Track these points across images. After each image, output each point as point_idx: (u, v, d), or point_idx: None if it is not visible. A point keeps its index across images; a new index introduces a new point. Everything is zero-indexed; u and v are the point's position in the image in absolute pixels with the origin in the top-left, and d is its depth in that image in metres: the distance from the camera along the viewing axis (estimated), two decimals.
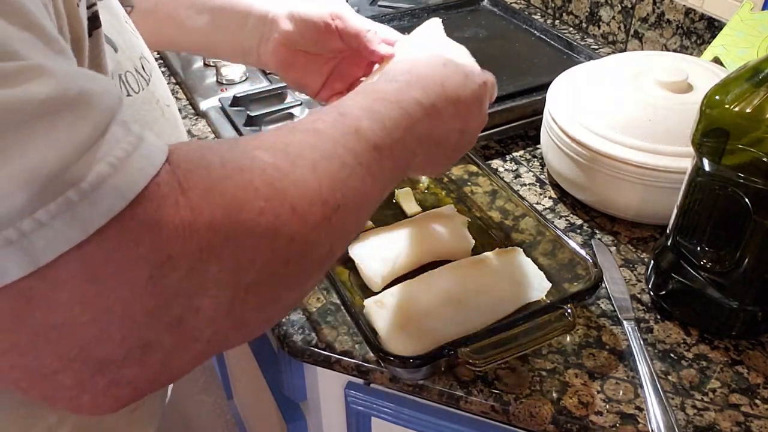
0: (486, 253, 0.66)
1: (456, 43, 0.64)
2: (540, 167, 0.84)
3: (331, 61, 0.70)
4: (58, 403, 0.33)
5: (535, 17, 1.17)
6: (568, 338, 0.62)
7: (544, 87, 0.82)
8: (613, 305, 0.65)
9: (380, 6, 1.24)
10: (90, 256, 0.30)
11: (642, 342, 0.60)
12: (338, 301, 0.65)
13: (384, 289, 0.64)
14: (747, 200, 0.54)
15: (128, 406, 0.41)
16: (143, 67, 0.53)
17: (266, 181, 0.36)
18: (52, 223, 0.28)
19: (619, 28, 1.09)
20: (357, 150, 0.42)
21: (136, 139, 0.31)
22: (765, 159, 0.51)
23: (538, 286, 0.64)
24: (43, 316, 0.30)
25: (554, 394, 0.57)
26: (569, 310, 0.57)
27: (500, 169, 0.84)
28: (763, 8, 0.86)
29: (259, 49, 0.70)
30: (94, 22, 0.44)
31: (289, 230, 0.36)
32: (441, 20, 0.68)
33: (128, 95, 0.50)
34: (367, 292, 0.65)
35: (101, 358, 0.31)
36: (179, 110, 0.95)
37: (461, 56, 0.61)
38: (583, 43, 1.10)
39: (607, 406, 0.56)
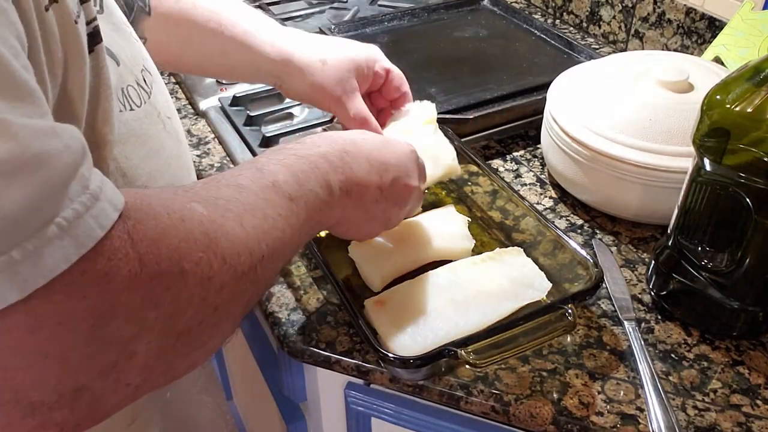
0: (486, 253, 0.66)
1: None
2: (540, 167, 0.84)
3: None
4: None
5: (536, 17, 1.16)
6: (568, 338, 0.61)
7: (544, 87, 0.82)
8: (613, 305, 0.65)
9: (380, 6, 1.24)
10: (35, 307, 0.30)
11: (643, 342, 0.60)
12: (338, 301, 0.64)
13: (384, 289, 0.64)
14: (748, 200, 0.54)
15: (126, 419, 0.42)
16: (144, 80, 0.54)
17: (203, 232, 0.38)
18: None
19: (619, 27, 1.09)
20: (275, 202, 0.45)
21: (90, 198, 0.32)
22: (766, 159, 0.51)
23: (539, 286, 0.64)
24: None
25: (555, 395, 0.57)
26: (570, 310, 0.57)
27: (500, 168, 0.84)
28: (764, 8, 0.86)
29: (282, 87, 0.72)
30: (95, 37, 0.44)
31: (220, 280, 0.38)
32: (435, 106, 0.73)
33: (130, 109, 0.50)
34: (367, 292, 0.64)
35: (33, 401, 0.32)
36: (178, 110, 0.95)
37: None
38: (583, 42, 1.10)
39: (608, 407, 0.56)
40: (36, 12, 0.37)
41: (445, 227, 0.69)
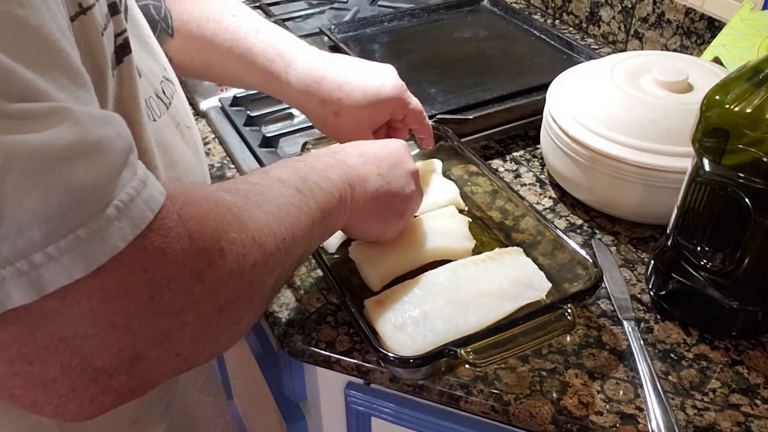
0: (486, 253, 0.66)
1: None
2: (540, 167, 0.84)
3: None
4: (44, 408, 0.35)
5: (535, 17, 1.17)
6: (568, 338, 0.62)
7: (544, 87, 0.82)
8: (613, 305, 0.65)
9: (380, 6, 1.24)
10: (104, 280, 0.33)
11: (642, 342, 0.60)
12: (338, 301, 0.65)
13: (384, 288, 0.64)
14: (747, 200, 0.54)
15: (129, 418, 0.49)
16: (164, 91, 0.55)
17: (234, 215, 0.41)
18: (60, 258, 0.31)
19: (619, 28, 1.09)
20: (285, 193, 0.49)
21: (140, 183, 0.35)
22: (765, 159, 0.51)
23: (538, 286, 0.64)
24: (55, 330, 0.33)
25: (554, 394, 0.57)
26: (569, 310, 0.57)
27: (500, 169, 0.84)
28: (763, 8, 0.86)
29: (303, 110, 0.71)
30: (125, 49, 0.46)
31: (253, 257, 0.42)
32: (440, 161, 0.76)
33: (153, 120, 0.52)
34: (367, 292, 0.65)
35: (97, 367, 0.35)
36: None
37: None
38: (583, 42, 1.10)
39: (608, 406, 0.56)
40: (66, 20, 0.38)
41: (445, 227, 0.69)
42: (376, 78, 0.68)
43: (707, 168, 0.56)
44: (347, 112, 0.67)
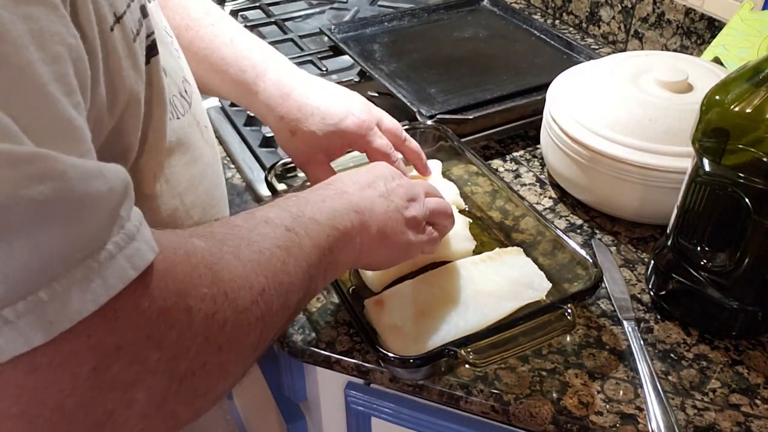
0: (486, 253, 0.66)
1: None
2: (540, 167, 0.84)
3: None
4: None
5: (535, 17, 1.17)
6: (568, 338, 0.62)
7: (544, 87, 0.82)
8: (613, 305, 0.65)
9: (380, 6, 1.24)
10: (36, 347, 0.28)
11: (642, 342, 0.60)
12: (338, 301, 0.65)
13: (384, 289, 0.64)
14: (747, 200, 0.54)
15: None
16: (186, 90, 0.54)
17: (207, 266, 0.36)
18: (17, 323, 0.27)
19: (619, 28, 1.09)
20: (269, 235, 0.43)
21: (125, 238, 0.31)
22: (765, 159, 0.51)
23: (538, 286, 0.64)
24: None
25: (554, 394, 0.57)
26: (569, 310, 0.57)
27: (500, 169, 0.84)
28: (763, 8, 0.86)
29: (265, 123, 0.70)
30: (152, 50, 0.45)
31: (222, 316, 0.36)
32: (440, 162, 0.75)
33: (177, 118, 0.51)
34: (367, 292, 0.65)
35: None
36: None
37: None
38: (583, 43, 1.10)
39: (608, 406, 0.56)
40: (99, 34, 0.36)
41: None
42: (340, 107, 0.65)
43: (707, 168, 0.56)
44: (302, 134, 0.65)
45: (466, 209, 0.75)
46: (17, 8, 0.29)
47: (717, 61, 0.84)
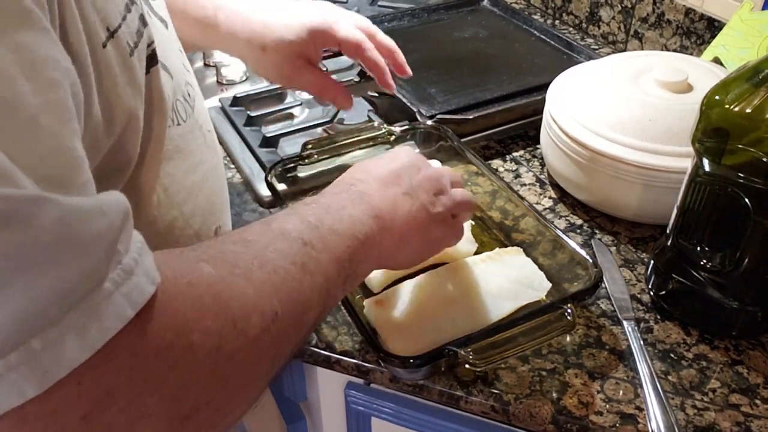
0: (486, 253, 0.66)
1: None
2: (540, 167, 0.84)
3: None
4: None
5: (535, 17, 1.17)
6: (568, 338, 0.62)
7: (544, 87, 0.82)
8: (613, 305, 0.65)
9: (380, 6, 1.24)
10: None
11: (642, 342, 0.60)
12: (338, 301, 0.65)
13: (384, 289, 0.64)
14: (747, 200, 0.54)
15: None
16: (189, 94, 0.53)
17: (213, 295, 0.34)
18: (9, 375, 0.26)
19: (619, 28, 1.09)
20: (285, 251, 0.41)
21: (123, 274, 0.29)
22: (765, 159, 0.51)
23: (538, 286, 0.64)
24: None
25: (554, 394, 0.57)
26: (569, 310, 0.57)
27: (500, 169, 0.84)
28: (763, 8, 0.86)
29: (235, 54, 0.72)
30: (152, 59, 0.43)
31: (230, 348, 0.34)
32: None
33: (177, 124, 0.49)
34: (367, 292, 0.65)
35: None
36: None
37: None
38: (583, 43, 1.10)
39: (607, 406, 0.56)
40: (91, 53, 0.35)
41: None
42: (301, 11, 0.68)
43: (707, 168, 0.56)
44: (273, 45, 0.67)
45: None
46: (5, 37, 0.27)
47: (717, 61, 0.84)
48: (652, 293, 0.65)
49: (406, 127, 0.80)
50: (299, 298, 0.40)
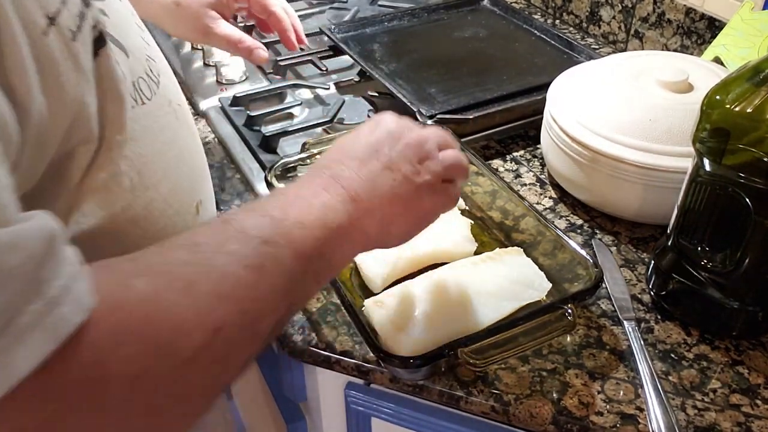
0: (486, 253, 0.66)
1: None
2: (540, 167, 0.84)
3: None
4: None
5: (536, 17, 1.16)
6: (568, 338, 0.61)
7: (544, 87, 0.82)
8: (613, 305, 0.65)
9: (380, 6, 1.24)
10: None
11: (642, 342, 0.60)
12: (338, 301, 0.64)
13: (384, 289, 0.64)
14: (748, 200, 0.54)
15: None
16: (151, 69, 0.50)
17: (141, 317, 0.31)
18: None
19: (619, 27, 1.09)
20: (241, 253, 0.37)
21: (46, 304, 0.27)
22: (766, 159, 0.51)
23: (539, 286, 0.64)
24: None
25: (554, 395, 0.57)
26: (569, 310, 0.57)
27: (500, 169, 0.84)
28: (764, 8, 0.86)
29: (158, 21, 0.76)
30: (99, 42, 0.41)
31: (155, 374, 0.31)
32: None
33: (142, 104, 0.47)
34: (368, 292, 0.65)
35: None
36: None
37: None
38: (583, 42, 1.10)
39: (608, 407, 0.56)
40: (30, 44, 0.33)
41: (447, 229, 0.69)
42: None
43: (708, 168, 0.56)
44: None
45: (467, 209, 0.75)
46: None
47: (717, 60, 0.84)
48: (652, 293, 0.65)
49: None
50: (252, 307, 0.37)
